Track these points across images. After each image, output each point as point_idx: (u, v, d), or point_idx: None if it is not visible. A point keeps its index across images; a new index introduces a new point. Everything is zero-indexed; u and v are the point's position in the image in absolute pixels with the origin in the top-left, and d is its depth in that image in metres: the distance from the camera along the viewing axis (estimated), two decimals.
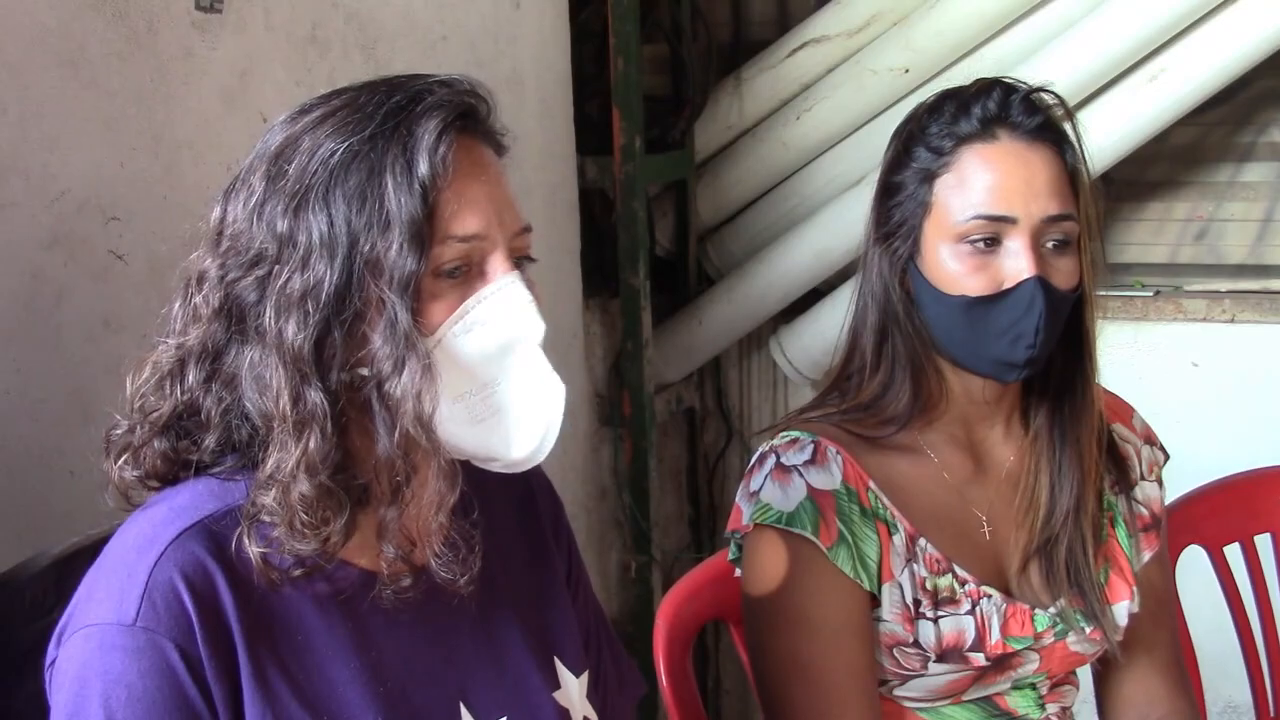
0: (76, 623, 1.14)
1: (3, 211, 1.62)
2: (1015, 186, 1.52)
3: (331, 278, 1.12)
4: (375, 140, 1.14)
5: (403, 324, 1.12)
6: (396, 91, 1.17)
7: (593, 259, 3.09)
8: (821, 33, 3.20)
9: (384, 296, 1.12)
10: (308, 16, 2.12)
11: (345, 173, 1.14)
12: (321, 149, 1.14)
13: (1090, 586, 1.61)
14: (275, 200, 1.15)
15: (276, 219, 1.14)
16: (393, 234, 1.12)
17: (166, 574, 1.12)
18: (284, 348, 1.13)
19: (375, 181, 1.13)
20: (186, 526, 1.15)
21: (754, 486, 1.60)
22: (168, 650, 1.11)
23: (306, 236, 1.13)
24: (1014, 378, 1.56)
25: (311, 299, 1.12)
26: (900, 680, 1.60)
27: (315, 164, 1.14)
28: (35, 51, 1.66)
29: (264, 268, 1.14)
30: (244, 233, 1.16)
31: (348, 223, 1.13)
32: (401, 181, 1.13)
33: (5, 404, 1.62)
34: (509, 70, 2.69)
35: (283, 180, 1.15)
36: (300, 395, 1.13)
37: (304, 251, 1.13)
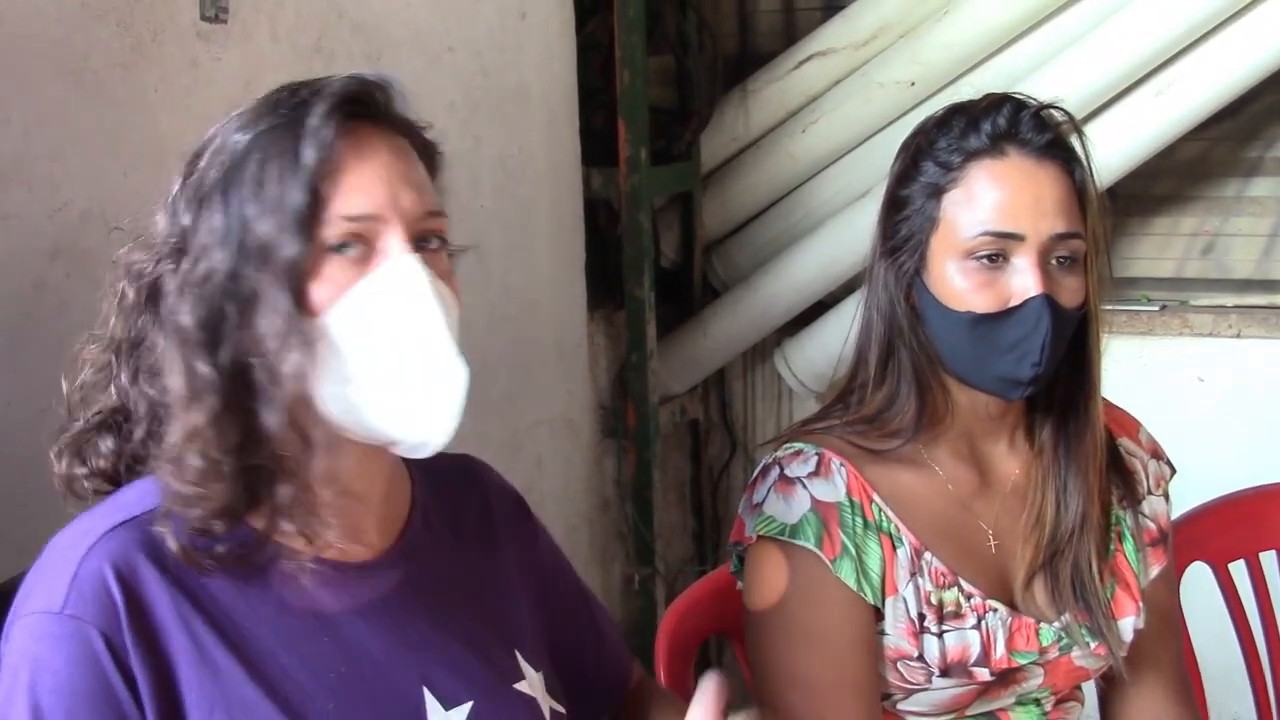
0: (16, 614, 1.17)
1: (6, 222, 1.62)
2: (1024, 204, 1.51)
3: (224, 264, 1.16)
4: (271, 131, 1.17)
5: (282, 305, 1.14)
6: (303, 88, 1.20)
7: (597, 270, 3.09)
8: (828, 45, 3.20)
9: (264, 284, 1.15)
10: (313, 27, 2.12)
11: (241, 164, 1.17)
12: (226, 145, 1.18)
13: (1096, 601, 1.60)
14: (183, 196, 1.19)
15: (182, 213, 1.18)
16: (277, 218, 1.15)
17: (96, 564, 1.15)
18: (178, 329, 1.16)
19: (266, 170, 1.16)
20: (122, 520, 1.18)
21: (757, 498, 1.60)
22: (93, 637, 1.13)
23: (207, 227, 1.17)
24: (1018, 395, 1.55)
25: (206, 285, 1.16)
26: (904, 694, 1.59)
27: (218, 159, 1.18)
28: (40, 61, 1.66)
29: (172, 260, 1.18)
30: (160, 228, 1.21)
31: (240, 211, 1.16)
32: (287, 167, 1.15)
33: (7, 414, 1.62)
34: (515, 81, 2.69)
35: (191, 177, 1.19)
36: (190, 371, 1.16)
37: (202, 242, 1.17)
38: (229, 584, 1.19)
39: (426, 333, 1.17)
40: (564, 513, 2.90)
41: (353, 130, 1.18)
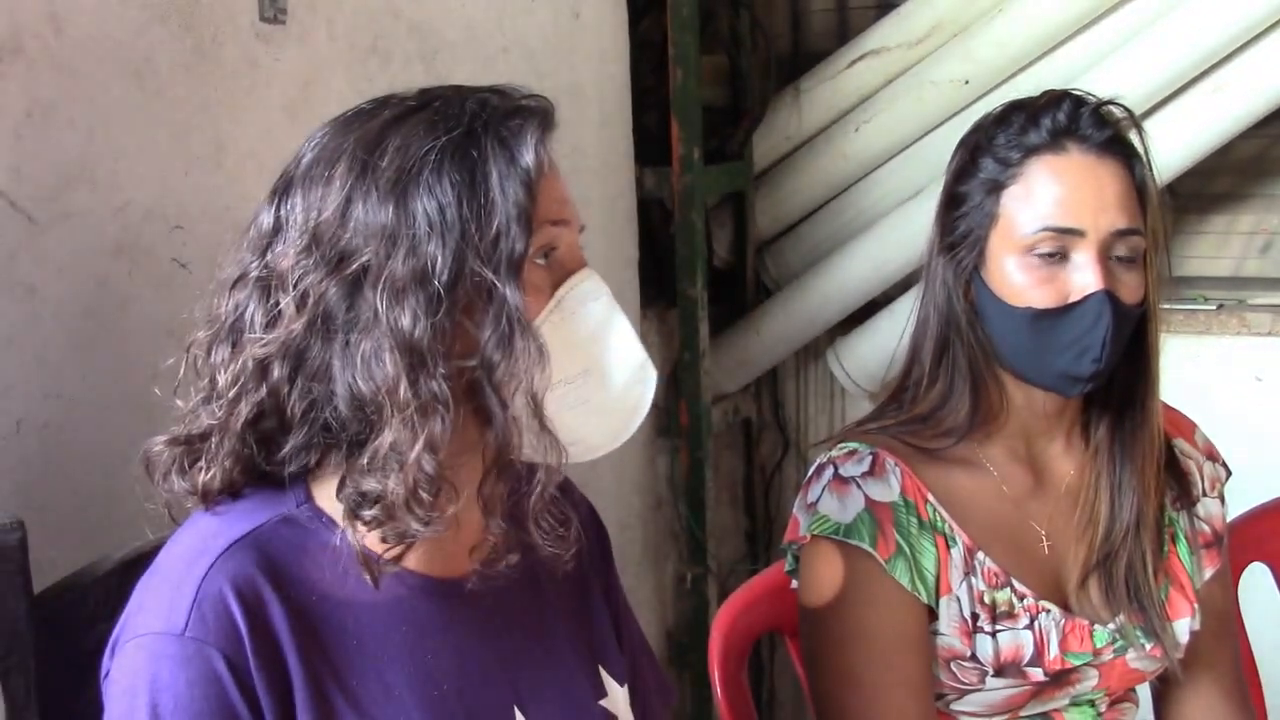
0: (128, 633, 1.15)
1: (70, 221, 1.64)
2: (1084, 199, 1.51)
3: (443, 263, 1.12)
4: (473, 135, 1.15)
5: (512, 307, 1.13)
6: (468, 95, 1.19)
7: (650, 269, 3.09)
8: (881, 44, 3.19)
9: (493, 281, 1.13)
10: (370, 27, 2.14)
11: (448, 163, 1.14)
12: (415, 143, 1.14)
13: (1150, 603, 1.60)
14: (370, 193, 1.13)
15: (374, 211, 1.13)
16: (500, 219, 1.13)
17: (216, 585, 1.13)
18: (399, 335, 1.11)
19: (480, 171, 1.14)
20: (237, 538, 1.16)
21: (811, 498, 1.60)
22: (215, 660, 1.11)
23: (412, 224, 1.12)
24: (1078, 391, 1.55)
25: (423, 286, 1.12)
26: (957, 695, 1.59)
27: (413, 157, 1.14)
28: (103, 63, 1.69)
29: (358, 261, 1.13)
30: (330, 229, 1.14)
31: (457, 207, 1.13)
32: (507, 171, 1.15)
33: (71, 411, 1.64)
34: (568, 81, 2.70)
35: (376, 174, 1.14)
36: (418, 382, 1.12)
37: (411, 239, 1.12)
38: (340, 602, 1.18)
39: (627, 337, 1.21)
40: (617, 512, 2.91)
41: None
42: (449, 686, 1.22)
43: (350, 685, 1.17)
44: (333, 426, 1.16)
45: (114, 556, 1.43)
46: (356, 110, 1.21)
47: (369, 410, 1.13)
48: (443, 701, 1.21)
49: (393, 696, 1.18)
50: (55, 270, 1.63)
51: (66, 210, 1.64)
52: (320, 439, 1.17)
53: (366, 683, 1.18)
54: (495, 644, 1.27)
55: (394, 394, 1.11)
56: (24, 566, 1.34)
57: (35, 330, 1.61)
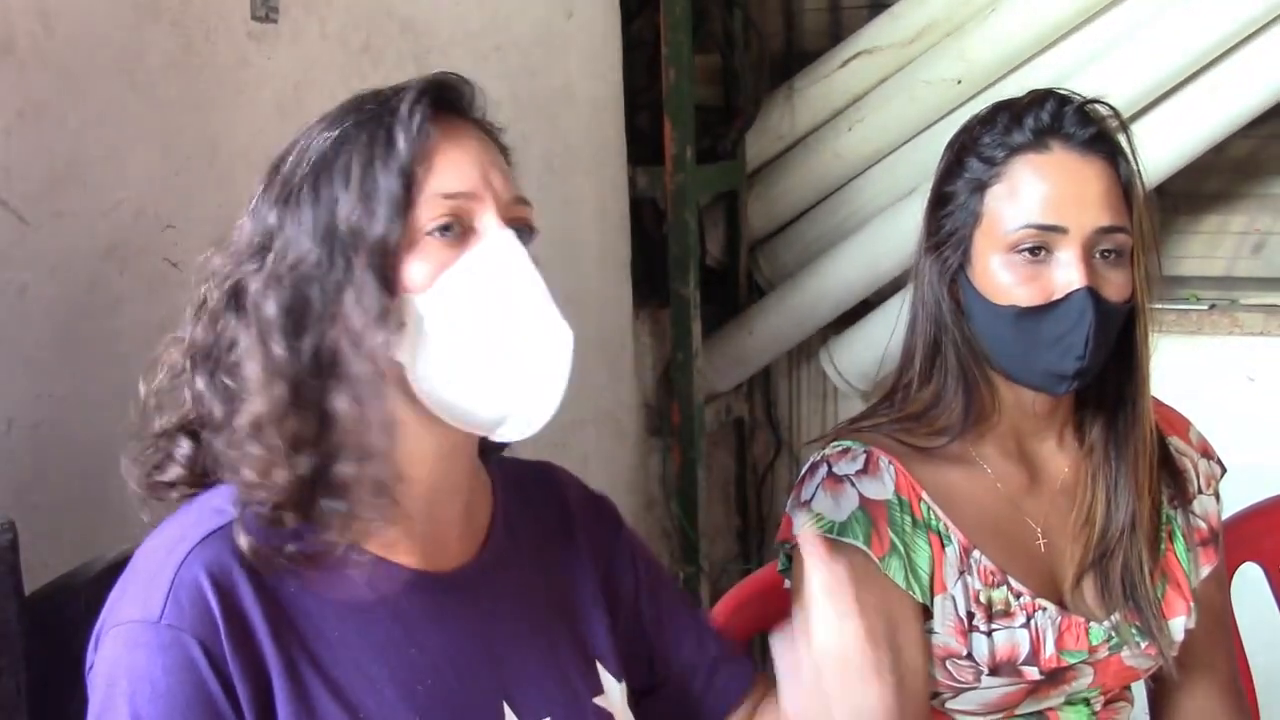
0: (108, 623, 1.17)
1: (60, 220, 1.64)
2: (1067, 197, 1.51)
3: (313, 253, 1.16)
4: (358, 125, 1.19)
5: (369, 285, 1.15)
6: (386, 89, 1.22)
7: (643, 269, 3.09)
8: (874, 43, 3.19)
9: (358, 262, 1.15)
10: (362, 26, 2.13)
11: (331, 158, 1.18)
12: (312, 144, 1.20)
13: (1146, 601, 1.60)
14: (268, 195, 1.20)
15: (267, 214, 1.19)
16: (369, 203, 1.16)
17: (192, 573, 1.14)
18: (260, 320, 1.17)
19: (357, 159, 1.17)
20: (214, 529, 1.17)
21: (805, 496, 1.60)
22: (191, 647, 1.12)
23: (294, 221, 1.18)
24: (1063, 389, 1.55)
25: (292, 274, 1.16)
26: (953, 693, 1.59)
27: (305, 158, 1.19)
28: (94, 62, 1.68)
29: (256, 260, 1.18)
30: (243, 230, 1.21)
31: (331, 201, 1.17)
32: (379, 153, 1.17)
33: (62, 410, 1.64)
34: (561, 80, 2.70)
35: (276, 177, 1.20)
36: (266, 357, 1.16)
37: (289, 235, 1.17)
38: (318, 594, 1.18)
39: (533, 302, 1.19)
40: None
41: (441, 118, 1.20)
42: (434, 681, 1.22)
43: (331, 675, 1.17)
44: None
45: (105, 557, 1.42)
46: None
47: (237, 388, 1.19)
48: (428, 696, 1.21)
49: (375, 689, 1.19)
50: (46, 270, 1.63)
51: (57, 210, 1.64)
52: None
53: (347, 674, 1.18)
54: (485, 639, 1.27)
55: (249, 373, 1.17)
56: (14, 567, 1.33)
57: (26, 330, 1.60)
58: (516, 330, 1.18)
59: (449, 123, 1.21)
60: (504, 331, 1.18)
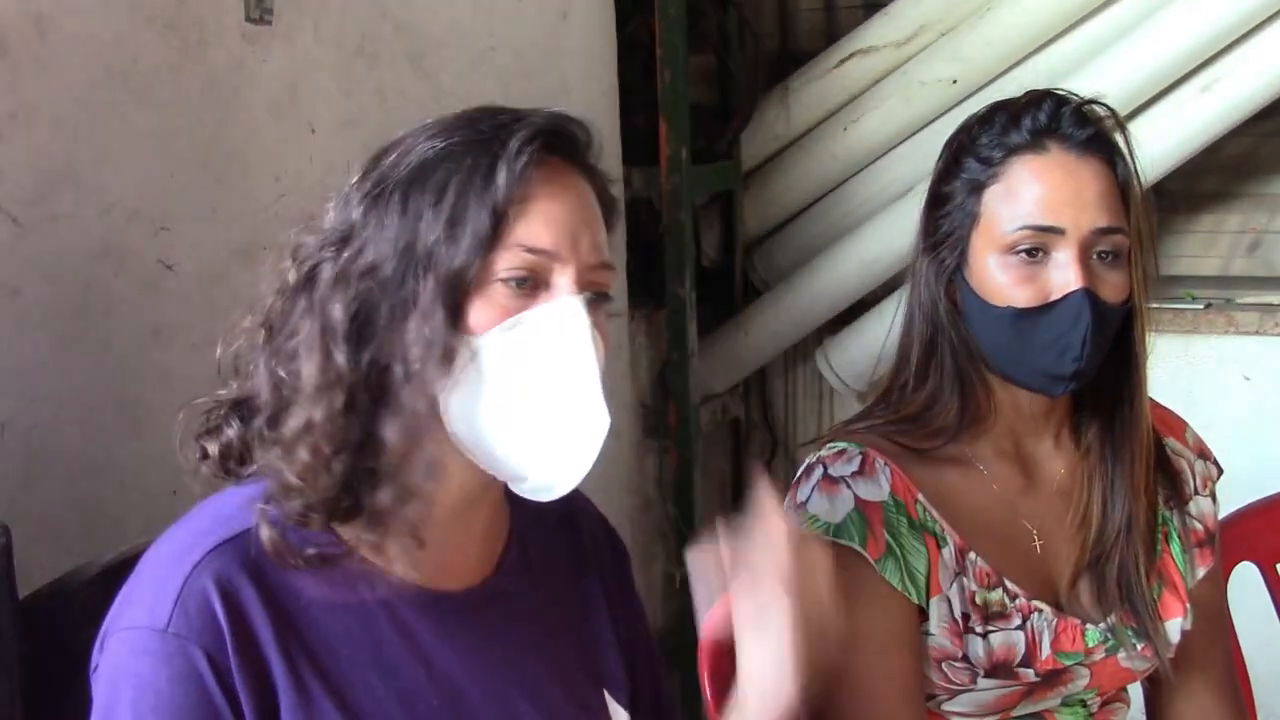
0: (114, 627, 1.16)
1: (55, 222, 1.64)
2: (1064, 198, 1.51)
3: (389, 263, 1.15)
4: (467, 145, 1.17)
5: (436, 315, 1.14)
6: (504, 112, 1.20)
7: (639, 269, 3.09)
8: (869, 43, 3.19)
9: (429, 287, 1.14)
10: (357, 28, 2.13)
11: (429, 170, 1.16)
12: (415, 149, 1.18)
13: (1142, 603, 1.60)
14: (359, 189, 1.18)
15: (354, 206, 1.18)
16: (454, 230, 1.14)
17: (201, 582, 1.13)
18: (325, 318, 1.16)
19: (454, 180, 1.15)
20: (225, 538, 1.16)
21: (801, 497, 1.59)
22: (196, 657, 1.12)
23: (378, 223, 1.16)
24: (1060, 391, 1.54)
25: (365, 279, 1.15)
26: (948, 695, 1.59)
27: (404, 161, 1.17)
28: (88, 64, 1.68)
29: (334, 249, 1.17)
30: (329, 213, 1.20)
31: (417, 216, 1.15)
32: (477, 184, 1.15)
33: (56, 414, 1.64)
34: (556, 81, 2.70)
35: (374, 173, 1.18)
36: (326, 362, 1.15)
37: (369, 237, 1.16)
38: (327, 608, 1.18)
39: (580, 376, 1.17)
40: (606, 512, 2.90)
41: (548, 164, 1.18)
42: (440, 701, 1.21)
43: (337, 689, 1.17)
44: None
45: (99, 561, 1.42)
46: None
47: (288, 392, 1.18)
48: (432, 714, 1.21)
49: (380, 705, 1.18)
50: (40, 273, 1.63)
51: (52, 212, 1.64)
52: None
53: (353, 688, 1.18)
54: (495, 662, 1.26)
55: (304, 372, 1.16)
56: (8, 571, 1.33)
57: (20, 333, 1.60)
58: (558, 399, 1.17)
59: (556, 169, 1.19)
60: (546, 397, 1.17)
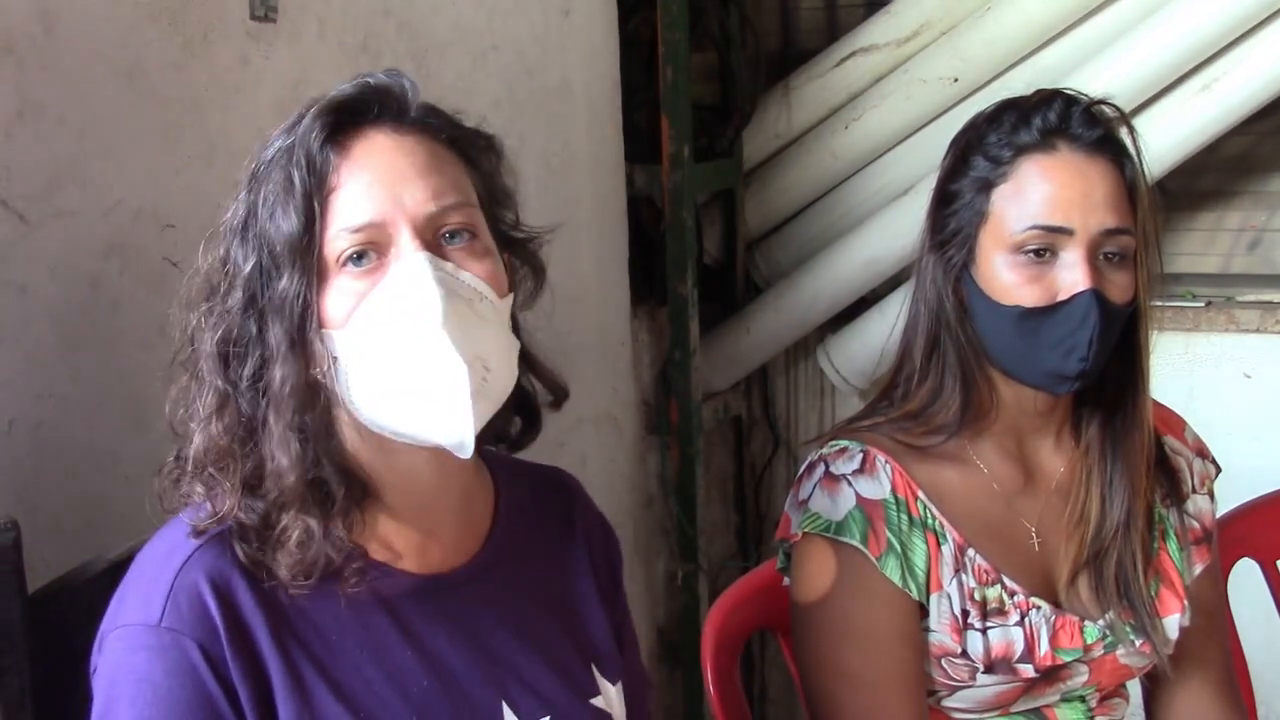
0: (110, 626, 1.18)
1: (61, 220, 1.64)
2: (1073, 198, 1.51)
3: (246, 287, 1.18)
4: (279, 151, 1.19)
5: (278, 329, 1.17)
6: (311, 103, 1.22)
7: (641, 267, 3.09)
8: (870, 42, 3.19)
9: (275, 300, 1.17)
10: (360, 26, 2.14)
11: (259, 187, 1.19)
12: (258, 167, 1.21)
13: (1140, 600, 1.60)
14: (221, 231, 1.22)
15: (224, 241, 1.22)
16: (278, 243, 1.17)
17: (192, 577, 1.16)
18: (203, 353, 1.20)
19: (271, 191, 1.18)
20: (216, 533, 1.18)
21: (803, 495, 1.60)
22: (191, 650, 1.14)
23: (239, 253, 1.20)
24: (1065, 390, 1.55)
25: (231, 309, 1.19)
26: (948, 691, 1.60)
27: (252, 184, 1.20)
28: (93, 62, 1.68)
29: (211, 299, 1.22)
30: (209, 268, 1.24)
31: (258, 235, 1.18)
32: (284, 189, 1.17)
33: (63, 410, 1.64)
34: (558, 79, 2.70)
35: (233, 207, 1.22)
36: (207, 388, 1.19)
37: (234, 266, 1.20)
38: (316, 597, 1.19)
39: (425, 333, 1.15)
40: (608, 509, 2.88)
41: (351, 138, 1.19)
42: (430, 682, 1.23)
43: (331, 675, 1.19)
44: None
45: (107, 556, 1.43)
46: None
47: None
48: (424, 696, 1.22)
49: (372, 689, 1.20)
50: (47, 270, 1.63)
51: (58, 210, 1.64)
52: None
53: (346, 674, 1.19)
54: (483, 639, 1.28)
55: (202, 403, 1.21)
56: (18, 566, 1.34)
57: (27, 330, 1.61)
58: (416, 361, 1.16)
59: (360, 140, 1.20)
60: (408, 362, 1.16)
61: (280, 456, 1.17)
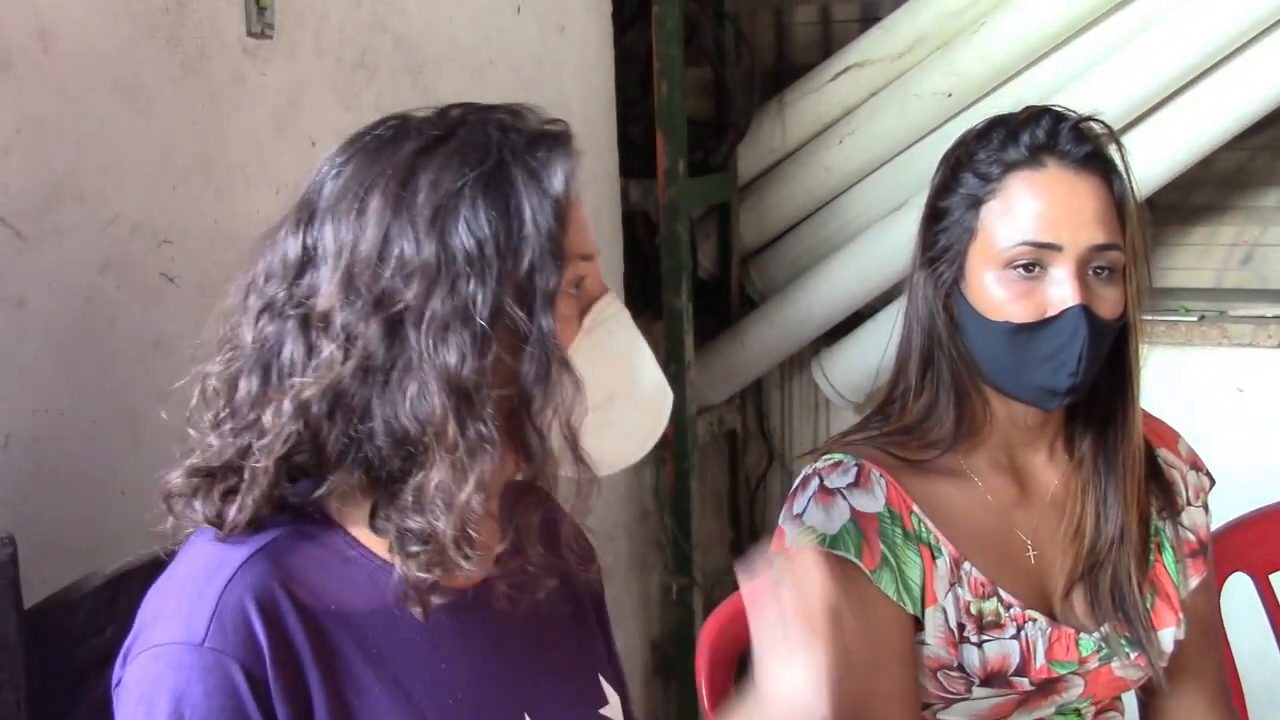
0: (144, 642, 1.15)
1: (58, 235, 1.65)
2: (1062, 215, 1.52)
3: (483, 300, 1.12)
4: (503, 166, 1.15)
5: (549, 340, 1.14)
6: (488, 120, 1.19)
7: (636, 281, 3.10)
8: (864, 57, 3.20)
9: (531, 315, 1.14)
10: (357, 42, 2.14)
11: (482, 197, 1.13)
12: (448, 176, 1.14)
13: (1136, 613, 1.61)
14: (406, 230, 1.12)
15: (412, 248, 1.12)
16: (537, 252, 1.14)
17: (236, 596, 1.13)
18: (445, 374, 1.11)
19: (513, 204, 1.14)
20: (256, 549, 1.16)
21: (797, 509, 1.60)
22: (234, 672, 1.11)
23: (452, 261, 1.12)
24: (1056, 405, 1.56)
25: (466, 324, 1.12)
26: (944, 704, 1.60)
27: (446, 192, 1.13)
28: (91, 78, 1.69)
29: (400, 301, 1.12)
30: (368, 267, 1.13)
31: (494, 243, 1.12)
32: (539, 205, 1.14)
33: (59, 425, 1.64)
34: (554, 94, 2.71)
35: (412, 210, 1.13)
36: (466, 424, 1.12)
37: (451, 275, 1.12)
38: (355, 612, 1.18)
39: (649, 360, 1.25)
40: (602, 523, 2.90)
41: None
42: (463, 695, 1.23)
43: (370, 694, 1.18)
44: (373, 464, 1.16)
45: (103, 571, 1.43)
46: (375, 135, 1.19)
47: (412, 448, 1.14)
48: (458, 709, 1.22)
49: (411, 704, 1.19)
50: (44, 285, 1.63)
51: (55, 225, 1.64)
52: (358, 476, 1.17)
53: (386, 691, 1.19)
54: (507, 653, 1.28)
55: (442, 434, 1.12)
56: (14, 581, 1.34)
57: (24, 345, 1.61)
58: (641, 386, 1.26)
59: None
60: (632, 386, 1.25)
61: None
